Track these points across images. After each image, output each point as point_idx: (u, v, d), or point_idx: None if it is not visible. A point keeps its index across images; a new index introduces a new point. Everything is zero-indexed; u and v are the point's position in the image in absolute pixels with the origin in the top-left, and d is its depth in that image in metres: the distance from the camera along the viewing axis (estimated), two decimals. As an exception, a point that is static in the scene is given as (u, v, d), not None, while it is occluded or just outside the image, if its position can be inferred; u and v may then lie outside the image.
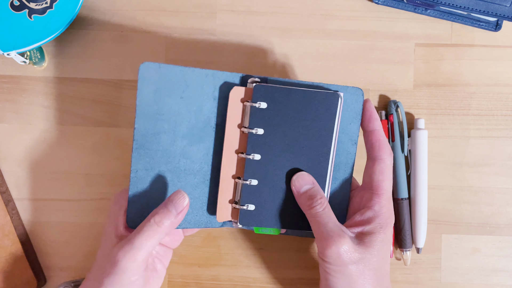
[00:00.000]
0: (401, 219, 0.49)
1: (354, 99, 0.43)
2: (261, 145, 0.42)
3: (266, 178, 0.42)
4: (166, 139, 0.41)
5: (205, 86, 0.41)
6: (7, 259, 0.48)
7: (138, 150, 0.40)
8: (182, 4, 0.50)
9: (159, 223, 0.38)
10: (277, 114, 0.42)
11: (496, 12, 0.46)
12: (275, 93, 0.41)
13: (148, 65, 0.39)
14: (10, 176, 0.50)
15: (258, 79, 0.42)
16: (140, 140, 0.40)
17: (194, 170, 0.42)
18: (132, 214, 0.40)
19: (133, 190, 0.40)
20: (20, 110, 0.50)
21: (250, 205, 0.42)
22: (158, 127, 0.40)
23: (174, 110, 0.41)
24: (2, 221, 0.48)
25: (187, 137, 0.42)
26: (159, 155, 0.41)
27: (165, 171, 0.41)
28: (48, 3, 0.45)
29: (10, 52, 0.45)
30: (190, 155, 0.42)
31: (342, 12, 0.50)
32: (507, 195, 0.50)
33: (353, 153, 0.44)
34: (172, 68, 0.40)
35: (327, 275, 0.39)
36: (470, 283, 0.50)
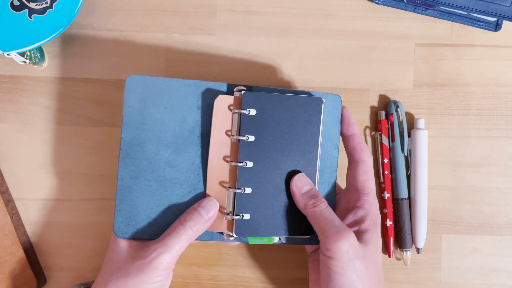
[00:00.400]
0: (401, 219, 0.49)
1: (333, 106, 0.44)
2: (253, 152, 0.42)
3: (259, 185, 0.42)
4: (151, 148, 0.42)
5: (189, 96, 0.42)
6: (7, 259, 0.48)
7: (124, 159, 0.41)
8: (182, 4, 0.50)
9: (193, 228, 0.40)
10: (266, 120, 0.42)
11: (496, 12, 0.46)
12: (263, 100, 0.42)
13: (134, 77, 0.41)
14: (10, 176, 0.50)
15: (243, 87, 0.42)
16: (126, 149, 0.41)
17: (180, 179, 0.42)
18: (119, 223, 0.41)
19: (120, 199, 0.41)
20: (20, 110, 0.50)
21: (245, 214, 0.42)
22: (143, 136, 0.42)
23: (158, 119, 0.42)
24: (2, 221, 0.48)
25: (172, 146, 0.42)
26: (144, 164, 0.42)
27: (150, 179, 0.42)
28: (48, 3, 0.45)
29: (10, 52, 0.45)
30: (175, 164, 0.42)
31: (342, 12, 0.50)
32: (507, 195, 0.50)
33: (336, 156, 0.45)
34: (156, 79, 0.42)
35: (333, 273, 0.39)
36: (470, 283, 0.50)
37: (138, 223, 0.41)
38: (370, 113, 0.50)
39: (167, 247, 0.39)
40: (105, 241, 0.50)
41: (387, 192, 0.49)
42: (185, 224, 0.40)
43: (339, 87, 0.50)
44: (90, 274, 0.50)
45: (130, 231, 0.41)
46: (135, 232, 0.41)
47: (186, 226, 0.40)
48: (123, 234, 0.41)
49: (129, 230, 0.41)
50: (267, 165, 0.42)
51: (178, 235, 0.39)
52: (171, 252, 0.39)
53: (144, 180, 0.42)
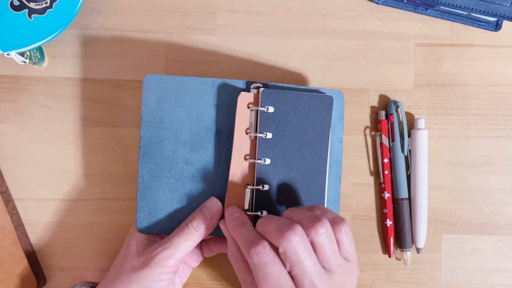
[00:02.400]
0: (401, 219, 0.49)
1: (337, 102, 0.46)
2: (271, 149, 0.43)
3: (275, 182, 0.43)
4: (169, 146, 0.43)
5: (205, 94, 0.43)
6: (7, 259, 0.48)
7: (143, 157, 0.43)
8: (182, 4, 0.50)
9: (197, 228, 0.41)
10: (282, 117, 0.43)
11: (496, 12, 0.46)
12: (280, 97, 0.43)
13: (151, 77, 0.43)
14: (10, 176, 0.50)
15: (260, 84, 0.43)
16: (145, 148, 0.43)
17: (198, 177, 0.43)
18: (141, 219, 0.43)
19: (141, 196, 0.43)
20: (20, 110, 0.50)
21: (264, 211, 0.43)
22: (161, 134, 0.43)
23: (175, 118, 0.43)
24: (2, 221, 0.48)
25: (189, 144, 0.43)
26: (163, 161, 0.43)
27: (169, 177, 0.43)
28: (48, 3, 0.45)
29: (10, 52, 0.45)
30: (192, 162, 0.43)
31: (342, 12, 0.50)
32: (507, 195, 0.50)
33: (341, 150, 0.46)
34: (172, 78, 0.43)
35: None
36: (470, 283, 0.50)
37: (159, 219, 0.43)
38: (370, 113, 0.50)
39: (172, 243, 0.40)
40: (105, 241, 0.50)
41: (387, 192, 0.49)
42: (189, 225, 0.41)
43: (339, 87, 0.50)
44: (90, 274, 0.50)
45: (151, 226, 0.43)
46: (156, 227, 0.43)
47: (189, 227, 0.41)
48: (146, 229, 0.43)
49: (150, 226, 0.43)
50: (283, 162, 0.43)
51: (183, 233, 0.41)
52: (175, 249, 0.40)
53: (163, 178, 0.43)
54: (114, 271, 0.42)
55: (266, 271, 0.36)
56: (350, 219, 0.50)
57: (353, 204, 0.50)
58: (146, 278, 0.40)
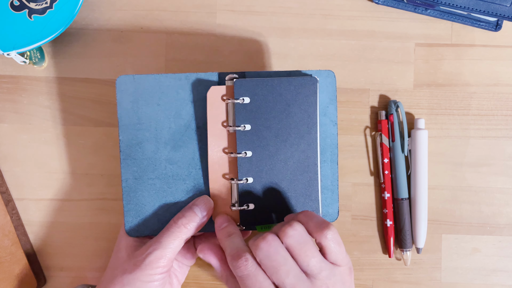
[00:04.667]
0: (401, 219, 0.49)
1: (328, 82, 0.43)
2: (251, 141, 0.42)
3: (261, 174, 0.42)
4: (150, 147, 0.42)
5: (180, 90, 0.42)
6: (7, 259, 0.48)
7: (125, 161, 0.42)
8: (182, 4, 0.50)
9: (186, 225, 0.40)
10: (260, 107, 0.42)
11: (496, 12, 0.46)
12: (255, 86, 0.41)
13: (124, 78, 0.42)
14: (10, 176, 0.50)
15: (235, 75, 0.42)
16: (126, 151, 0.42)
17: (183, 175, 0.43)
18: (130, 223, 0.42)
19: (126, 200, 0.42)
20: (20, 110, 0.50)
21: (250, 204, 0.42)
22: (140, 136, 0.42)
23: (153, 118, 0.42)
24: (2, 221, 0.48)
25: (170, 143, 0.42)
26: (145, 163, 0.42)
27: (153, 178, 0.42)
28: (48, 3, 0.45)
29: (10, 52, 0.45)
30: (175, 161, 0.43)
31: (342, 12, 0.50)
32: (507, 195, 0.50)
33: (335, 134, 0.44)
34: (145, 77, 0.42)
35: None
36: (470, 283, 0.50)
37: (148, 220, 0.42)
38: (370, 113, 0.50)
39: (160, 243, 0.40)
40: (105, 241, 0.50)
41: (387, 192, 0.49)
42: (178, 222, 0.40)
43: (339, 87, 0.50)
44: (90, 274, 0.50)
45: (140, 229, 0.42)
46: (145, 229, 0.42)
47: (178, 224, 0.40)
48: (135, 232, 0.42)
49: (140, 229, 0.42)
50: (267, 152, 0.42)
51: (171, 232, 0.40)
52: (165, 249, 0.39)
53: (147, 179, 0.42)
54: (107, 275, 0.42)
55: (249, 283, 0.36)
56: (350, 219, 0.50)
57: (353, 204, 0.50)
58: (139, 280, 0.39)
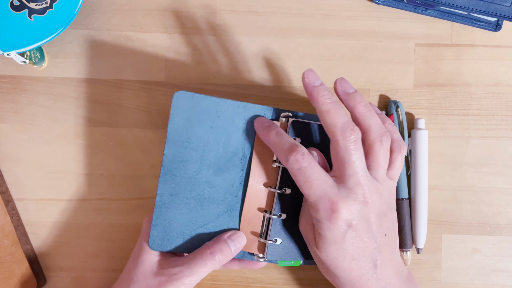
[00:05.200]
0: (401, 219, 0.49)
1: None
2: (291, 179, 0.42)
3: (293, 211, 0.43)
4: (193, 167, 0.42)
5: (236, 118, 0.42)
6: (7, 259, 0.48)
7: (165, 176, 0.41)
8: (182, 4, 0.50)
9: (221, 261, 0.41)
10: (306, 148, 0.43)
11: (496, 12, 0.46)
12: (306, 128, 0.43)
13: (182, 94, 0.41)
14: (10, 176, 0.50)
15: (290, 114, 0.43)
16: (167, 166, 0.41)
17: (218, 199, 0.43)
18: (154, 237, 0.42)
19: (157, 214, 0.42)
20: (20, 110, 0.50)
21: (278, 239, 0.43)
22: (186, 154, 0.42)
23: (203, 139, 0.42)
24: (2, 221, 0.48)
25: (214, 166, 0.42)
26: (185, 182, 0.42)
27: (189, 197, 0.42)
28: (48, 3, 0.45)
29: (10, 52, 0.45)
30: (215, 184, 0.43)
31: (342, 12, 0.50)
32: (507, 195, 0.50)
33: None
34: (204, 98, 0.41)
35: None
36: (471, 283, 0.50)
37: (173, 237, 0.42)
38: (370, 113, 0.50)
39: (191, 271, 0.40)
40: (105, 241, 0.50)
41: (387, 192, 0.49)
42: (214, 255, 0.41)
43: (339, 87, 0.50)
44: (90, 274, 0.50)
45: (164, 244, 0.42)
46: (169, 246, 0.42)
47: (215, 257, 0.41)
48: (158, 247, 0.42)
49: (163, 244, 0.42)
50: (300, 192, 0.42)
51: (204, 262, 0.40)
52: (194, 277, 0.40)
53: (182, 198, 0.42)
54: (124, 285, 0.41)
55: (307, 174, 0.38)
56: (350, 219, 0.50)
57: (353, 204, 0.50)
58: None
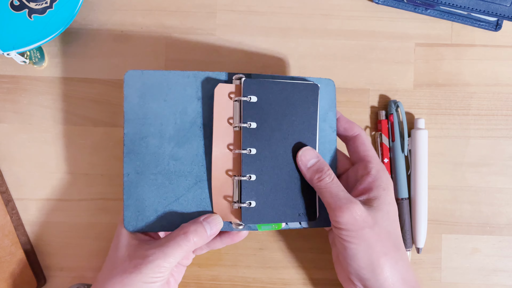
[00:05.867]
0: (401, 219, 0.49)
1: (328, 90, 0.45)
2: (256, 138, 0.42)
3: (263, 171, 0.43)
4: (154, 142, 0.42)
5: (188, 88, 0.43)
6: (7, 259, 0.48)
7: (128, 155, 0.42)
8: (182, 4, 0.50)
9: (195, 239, 0.40)
10: (266, 107, 0.42)
11: (496, 12, 0.46)
12: (263, 86, 0.42)
13: (132, 72, 0.42)
14: (10, 176, 0.50)
15: (242, 75, 0.43)
16: (129, 145, 0.42)
17: (185, 171, 0.43)
18: (128, 218, 0.42)
19: (127, 194, 0.42)
20: (20, 110, 0.50)
21: (252, 201, 0.42)
22: (145, 131, 0.42)
23: (159, 113, 0.42)
24: (2, 221, 0.48)
25: (174, 139, 0.43)
26: (148, 158, 0.42)
27: (155, 173, 0.42)
28: (48, 3, 0.45)
29: (10, 52, 0.45)
30: (179, 157, 0.43)
31: (342, 12, 0.50)
32: (507, 195, 0.50)
33: (334, 139, 0.45)
34: (153, 73, 0.42)
35: (346, 243, 0.40)
36: (470, 283, 0.50)
37: (147, 216, 0.42)
38: (370, 113, 0.50)
39: (164, 254, 0.39)
40: (105, 241, 0.50)
41: (387, 192, 0.49)
42: (188, 236, 0.40)
43: (339, 87, 0.50)
44: (90, 274, 0.50)
45: (139, 224, 0.42)
46: (144, 225, 0.42)
47: (189, 238, 0.40)
48: (133, 227, 0.42)
49: (138, 224, 0.42)
50: (270, 151, 0.43)
51: (178, 244, 0.40)
52: (168, 258, 0.39)
53: (149, 175, 0.42)
54: (104, 273, 0.41)
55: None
56: (350, 219, 0.50)
57: (353, 204, 0.50)
58: (141, 281, 0.39)
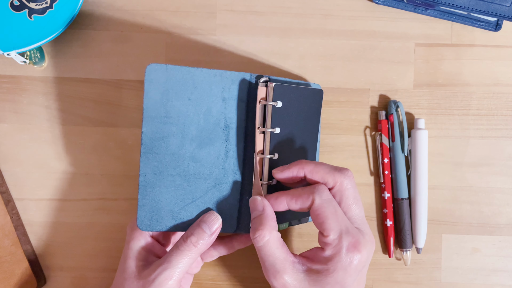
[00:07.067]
0: (401, 219, 0.49)
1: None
2: (278, 144, 0.42)
3: None
4: (175, 143, 0.40)
5: (214, 87, 0.41)
6: (7, 259, 0.48)
7: (146, 154, 0.39)
8: (182, 4, 0.50)
9: (196, 244, 0.39)
10: (288, 112, 0.42)
11: (496, 12, 0.46)
12: (287, 91, 0.42)
13: (155, 67, 0.39)
14: (10, 176, 0.50)
15: (267, 78, 0.42)
16: (148, 144, 0.39)
17: (205, 174, 0.41)
18: (142, 217, 0.40)
19: (142, 194, 0.40)
20: (20, 110, 0.50)
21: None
22: (166, 130, 0.40)
23: (182, 112, 0.40)
24: (2, 221, 0.48)
25: (196, 140, 0.41)
26: (168, 159, 0.40)
27: (174, 175, 0.40)
28: (48, 3, 0.45)
29: (10, 52, 0.45)
30: (199, 159, 0.41)
31: (342, 12, 0.50)
32: (507, 195, 0.50)
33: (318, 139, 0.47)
34: (179, 69, 0.39)
35: None
36: (471, 283, 0.50)
37: (161, 217, 0.40)
38: (370, 113, 0.50)
39: (170, 263, 0.39)
40: (105, 241, 0.50)
41: (387, 192, 0.49)
42: (187, 240, 0.39)
43: (339, 87, 0.50)
44: (90, 274, 0.50)
45: (153, 224, 0.40)
46: (158, 225, 0.40)
47: (188, 242, 0.39)
48: (147, 227, 0.40)
49: (152, 224, 0.40)
50: (288, 155, 0.42)
51: (180, 251, 0.39)
52: (174, 268, 0.39)
53: (167, 176, 0.40)
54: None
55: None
56: (350, 219, 0.50)
57: (353, 204, 0.50)
58: None
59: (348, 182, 0.39)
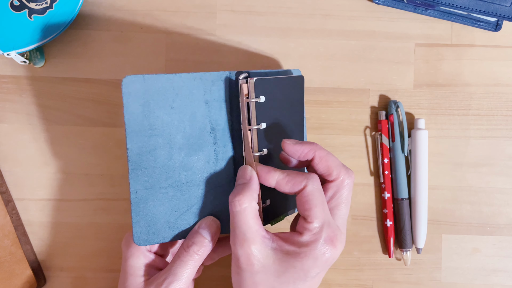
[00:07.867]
0: (401, 219, 0.49)
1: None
2: (266, 139, 0.41)
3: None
4: (163, 154, 0.39)
5: (195, 91, 0.39)
6: (7, 259, 0.48)
7: (135, 171, 0.38)
8: (182, 4, 0.50)
9: (198, 252, 0.39)
10: (270, 104, 0.41)
11: (496, 12, 0.46)
12: (269, 85, 0.41)
13: (132, 78, 0.37)
14: (10, 176, 0.50)
15: (247, 73, 0.41)
16: (135, 160, 0.38)
17: (197, 180, 0.40)
18: (138, 233, 0.39)
19: (135, 211, 0.39)
20: (20, 110, 0.50)
21: (267, 200, 0.42)
22: (152, 143, 0.38)
23: (166, 122, 0.38)
24: (2, 221, 0.48)
25: (184, 148, 0.40)
26: (158, 172, 0.39)
27: (166, 187, 0.39)
28: (48, 3, 0.45)
29: (10, 52, 0.45)
30: (190, 167, 0.40)
31: (342, 12, 0.50)
32: (507, 195, 0.50)
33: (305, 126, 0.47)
34: (157, 77, 0.38)
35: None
36: (471, 283, 0.50)
37: (158, 229, 0.40)
38: (370, 113, 0.50)
39: (176, 275, 0.38)
40: (105, 241, 0.50)
41: (387, 192, 0.49)
42: (189, 250, 0.39)
43: (339, 87, 0.50)
44: (90, 274, 0.50)
45: (150, 238, 0.39)
46: (155, 238, 0.40)
47: (190, 252, 0.39)
48: (144, 242, 0.39)
49: (150, 238, 0.39)
50: (275, 149, 0.42)
51: (184, 262, 0.39)
52: (180, 280, 0.38)
53: (159, 189, 0.39)
54: None
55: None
56: (350, 219, 0.50)
57: (353, 204, 0.50)
58: None
59: (349, 181, 0.39)
